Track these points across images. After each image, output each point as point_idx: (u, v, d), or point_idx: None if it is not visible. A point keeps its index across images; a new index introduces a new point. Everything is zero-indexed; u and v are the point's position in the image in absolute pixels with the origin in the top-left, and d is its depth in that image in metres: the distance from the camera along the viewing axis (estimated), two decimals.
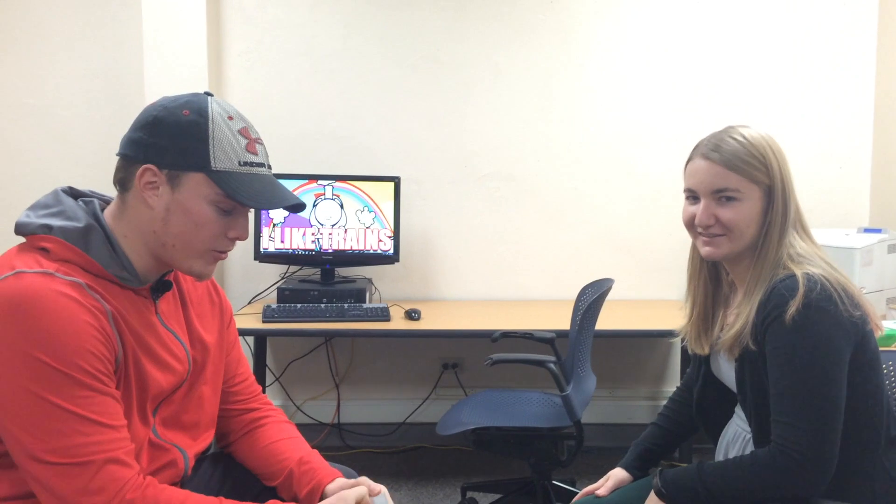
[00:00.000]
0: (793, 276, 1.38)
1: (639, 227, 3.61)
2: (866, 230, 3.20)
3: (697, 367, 1.66)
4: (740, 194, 1.45)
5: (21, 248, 1.24)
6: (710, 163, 1.47)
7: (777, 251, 1.44)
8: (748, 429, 1.53)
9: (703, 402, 1.65)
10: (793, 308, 1.34)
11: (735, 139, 1.46)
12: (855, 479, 1.38)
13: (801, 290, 1.35)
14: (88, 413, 1.14)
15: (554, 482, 2.74)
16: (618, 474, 1.70)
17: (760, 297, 1.42)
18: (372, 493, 1.38)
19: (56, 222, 1.23)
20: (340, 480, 1.41)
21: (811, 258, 1.44)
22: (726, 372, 1.55)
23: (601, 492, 1.66)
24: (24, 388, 1.11)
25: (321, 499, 1.37)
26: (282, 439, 1.51)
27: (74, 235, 1.22)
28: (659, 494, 1.47)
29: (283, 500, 1.43)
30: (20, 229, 1.25)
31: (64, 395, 1.12)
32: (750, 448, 1.51)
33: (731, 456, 1.56)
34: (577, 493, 2.77)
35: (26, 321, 1.12)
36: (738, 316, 1.46)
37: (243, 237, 1.32)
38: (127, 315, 1.25)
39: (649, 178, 3.59)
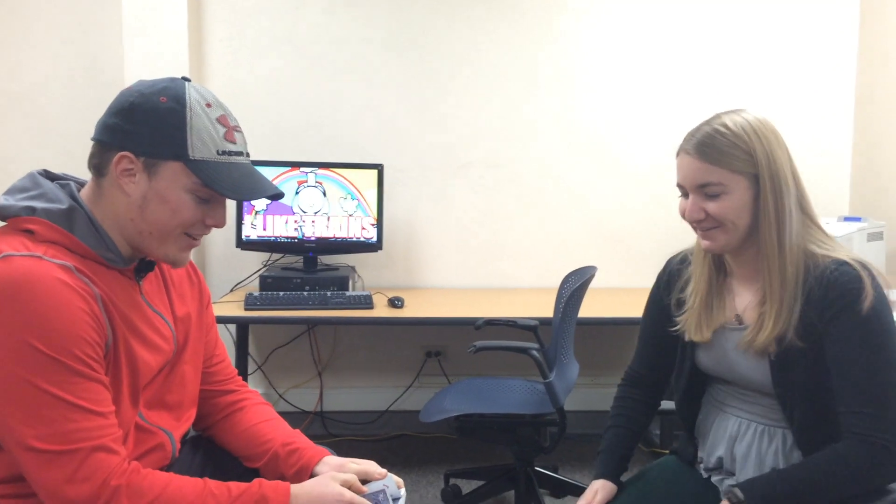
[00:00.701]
0: (845, 264, 1.37)
1: (623, 216, 3.62)
2: (846, 219, 3.24)
3: (680, 362, 1.62)
4: (724, 187, 1.41)
5: (3, 231, 1.22)
6: (690, 158, 1.44)
7: (792, 241, 1.41)
8: (759, 420, 1.51)
9: (687, 395, 1.62)
10: (868, 299, 1.33)
11: (716, 130, 1.42)
12: None
13: (867, 279, 1.35)
14: (77, 400, 1.13)
15: (537, 468, 2.76)
16: (605, 487, 1.61)
17: (810, 290, 1.39)
18: (375, 478, 1.38)
19: (38, 204, 1.22)
20: (329, 459, 1.41)
21: (837, 245, 1.42)
22: (743, 366, 1.50)
23: None
24: (14, 374, 1.10)
25: (310, 478, 1.38)
26: (263, 421, 1.51)
27: (58, 217, 1.21)
28: None
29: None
30: (2, 212, 1.23)
31: (54, 381, 1.11)
32: (768, 439, 1.49)
33: (739, 450, 1.52)
34: (559, 479, 2.82)
35: (18, 306, 1.10)
36: (768, 315, 1.42)
37: (221, 225, 1.31)
38: (115, 297, 1.24)
39: (634, 167, 3.60)
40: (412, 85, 3.53)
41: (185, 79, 1.27)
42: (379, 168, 3.29)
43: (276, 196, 1.35)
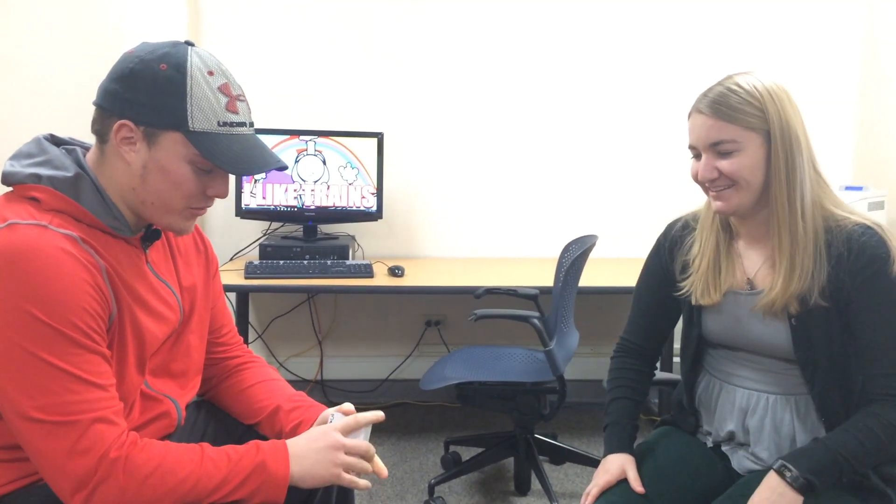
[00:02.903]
0: (870, 228, 1.39)
1: (624, 186, 3.61)
2: (847, 188, 3.23)
3: (686, 330, 1.61)
4: (737, 144, 1.40)
5: (9, 197, 1.21)
6: (703, 116, 1.43)
7: (804, 199, 1.41)
8: (770, 390, 1.49)
9: (694, 364, 1.61)
10: (895, 262, 1.36)
11: (729, 88, 1.43)
12: None
13: (891, 243, 1.37)
14: (78, 371, 1.12)
15: (536, 436, 2.78)
16: (631, 463, 1.53)
17: (839, 251, 1.39)
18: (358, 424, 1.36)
19: (44, 171, 1.20)
20: (329, 410, 1.41)
21: (851, 208, 1.44)
22: (760, 331, 1.48)
23: (640, 487, 1.48)
24: (15, 344, 1.09)
25: None
26: (266, 380, 1.51)
27: (64, 185, 1.20)
28: (801, 487, 1.33)
29: (264, 437, 1.42)
30: (8, 179, 1.22)
31: (55, 352, 1.11)
32: (780, 409, 1.47)
33: (752, 422, 1.50)
34: (559, 446, 2.84)
35: (21, 275, 1.10)
36: (780, 273, 1.42)
37: (223, 195, 1.29)
38: (120, 267, 1.23)
39: (635, 138, 3.58)
40: (413, 53, 3.49)
41: (188, 43, 1.24)
42: (379, 136, 3.27)
43: (279, 168, 1.33)
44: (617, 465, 1.52)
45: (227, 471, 1.19)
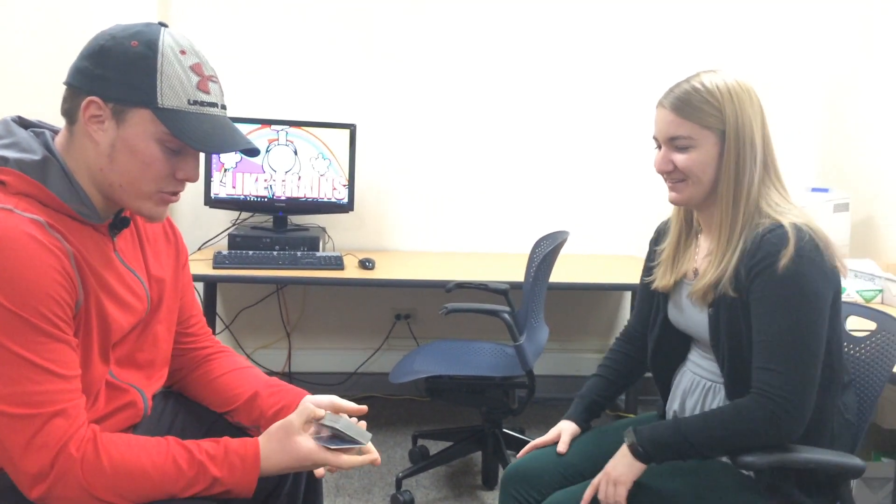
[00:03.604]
0: (781, 227, 1.41)
1: (596, 182, 3.62)
2: (813, 190, 3.28)
3: (654, 314, 1.68)
4: (693, 141, 1.47)
5: None
6: (666, 111, 1.50)
7: (748, 199, 1.46)
8: (707, 376, 1.56)
9: (658, 350, 1.67)
10: (784, 259, 1.37)
11: (693, 86, 1.49)
12: (817, 421, 1.43)
13: (792, 240, 1.38)
14: (42, 361, 1.10)
15: (504, 430, 2.79)
16: (569, 428, 1.68)
17: (745, 247, 1.44)
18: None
19: (11, 154, 1.17)
20: (310, 397, 1.38)
21: (790, 209, 1.47)
22: (692, 318, 1.56)
23: (562, 448, 1.64)
24: None
25: None
26: (239, 368, 1.50)
27: (32, 168, 1.17)
28: (636, 453, 1.45)
29: (238, 424, 1.43)
30: None
31: (19, 340, 1.08)
32: (712, 396, 1.55)
33: (689, 404, 1.59)
34: (527, 441, 2.84)
35: None
36: (711, 264, 1.49)
37: (193, 179, 1.26)
38: (87, 254, 1.20)
39: (608, 135, 3.60)
40: (387, 46, 3.47)
41: (161, 24, 1.22)
42: (352, 128, 3.25)
43: (250, 151, 1.31)
44: (556, 429, 1.69)
45: (193, 474, 1.17)
